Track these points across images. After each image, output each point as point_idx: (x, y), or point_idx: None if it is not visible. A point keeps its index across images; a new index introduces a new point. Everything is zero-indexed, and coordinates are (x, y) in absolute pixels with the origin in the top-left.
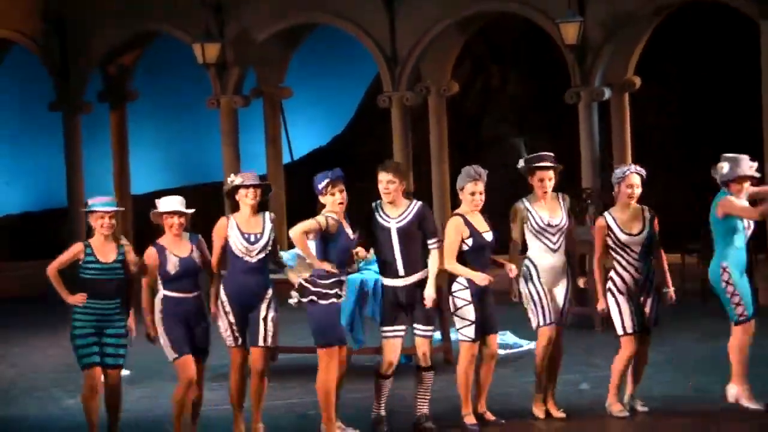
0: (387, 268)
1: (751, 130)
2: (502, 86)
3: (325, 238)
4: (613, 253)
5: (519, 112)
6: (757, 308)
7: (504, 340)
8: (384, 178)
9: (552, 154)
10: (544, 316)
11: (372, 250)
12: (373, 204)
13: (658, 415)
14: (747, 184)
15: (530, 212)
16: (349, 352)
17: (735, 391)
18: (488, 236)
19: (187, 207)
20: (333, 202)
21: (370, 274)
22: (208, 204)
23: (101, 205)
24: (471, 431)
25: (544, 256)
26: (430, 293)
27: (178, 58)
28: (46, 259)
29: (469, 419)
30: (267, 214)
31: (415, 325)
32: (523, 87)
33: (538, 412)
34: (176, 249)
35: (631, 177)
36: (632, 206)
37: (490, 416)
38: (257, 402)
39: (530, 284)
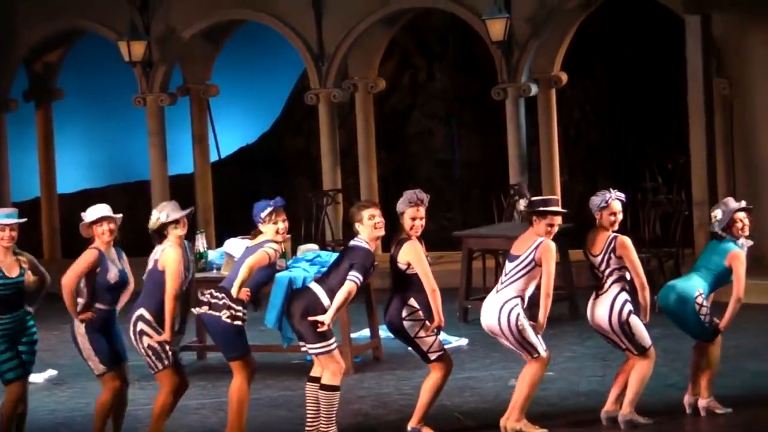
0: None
1: (677, 123)
2: (429, 82)
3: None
4: (623, 273)
5: (446, 108)
6: None
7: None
8: (375, 212)
9: (557, 197)
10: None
11: None
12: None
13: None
14: (742, 215)
15: None
16: (278, 350)
17: (705, 403)
18: None
19: (114, 208)
20: (275, 231)
21: (299, 271)
22: (136, 203)
23: (2, 217)
24: None
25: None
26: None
27: (104, 55)
28: None
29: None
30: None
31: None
32: (450, 82)
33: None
34: (111, 258)
35: (614, 204)
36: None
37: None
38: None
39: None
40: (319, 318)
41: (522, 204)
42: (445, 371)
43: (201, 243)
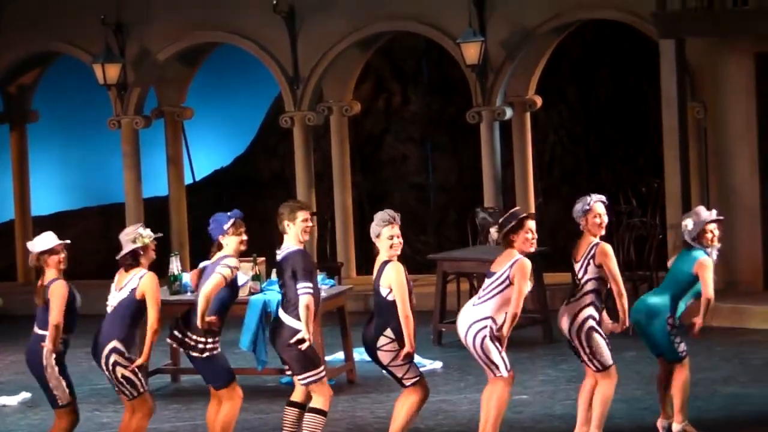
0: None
1: (652, 146)
2: (404, 105)
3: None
4: (598, 286)
5: (421, 131)
6: None
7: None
8: (308, 217)
9: (518, 207)
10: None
11: None
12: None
13: None
14: (713, 226)
15: None
16: (253, 372)
17: (680, 427)
18: None
19: (90, 230)
20: (239, 242)
21: (273, 294)
22: (112, 224)
23: None
24: None
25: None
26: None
27: (78, 78)
28: None
29: None
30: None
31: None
32: (425, 106)
33: None
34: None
35: (596, 206)
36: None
37: None
38: None
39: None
40: (298, 337)
41: (494, 232)
42: (421, 395)
43: (176, 265)
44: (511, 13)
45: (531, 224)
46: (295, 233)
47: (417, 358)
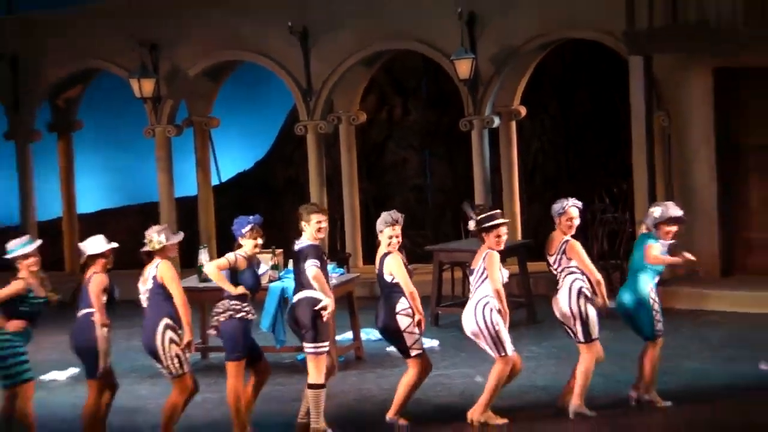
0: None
1: (622, 151)
2: (404, 115)
3: (234, 271)
4: (573, 269)
5: (420, 139)
6: None
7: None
8: (322, 219)
9: (499, 210)
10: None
11: None
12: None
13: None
14: (675, 229)
15: None
16: (272, 350)
17: (649, 397)
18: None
19: (127, 226)
20: (253, 245)
21: (290, 282)
22: (148, 221)
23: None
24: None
25: None
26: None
27: (118, 91)
28: (4, 272)
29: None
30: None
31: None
32: (423, 116)
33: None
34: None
35: (570, 210)
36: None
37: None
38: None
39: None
40: (321, 305)
41: (471, 224)
42: (422, 369)
43: (204, 257)
44: (498, 33)
45: (503, 230)
46: (310, 232)
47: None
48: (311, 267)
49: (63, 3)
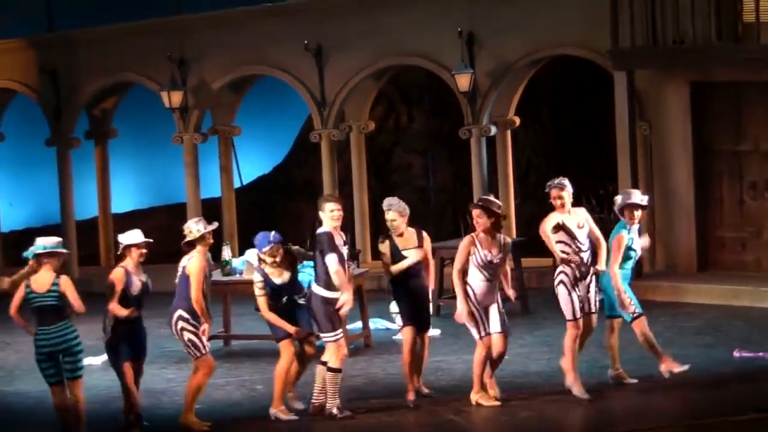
0: (330, 283)
1: (607, 157)
2: (409, 123)
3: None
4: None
5: (423, 144)
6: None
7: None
8: (335, 207)
9: (484, 198)
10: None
11: None
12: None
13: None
14: (638, 213)
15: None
16: (269, 338)
17: (615, 373)
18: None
19: (155, 223)
20: (271, 261)
21: (305, 276)
22: (173, 220)
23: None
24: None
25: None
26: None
27: (149, 102)
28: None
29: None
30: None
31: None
32: (426, 124)
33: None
34: (137, 274)
35: (551, 191)
36: (572, 211)
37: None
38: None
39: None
40: (339, 303)
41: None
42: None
43: (227, 253)
44: (495, 50)
45: (474, 212)
46: (326, 220)
47: (384, 323)
48: (331, 262)
49: (99, 21)
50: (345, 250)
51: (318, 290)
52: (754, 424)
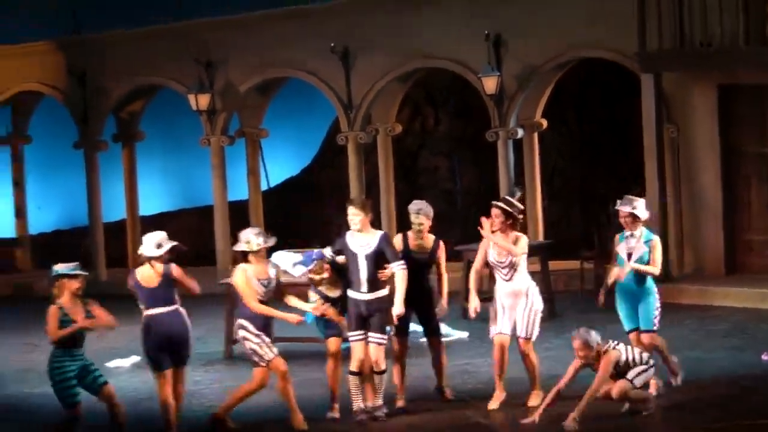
0: (354, 284)
1: (635, 159)
2: (435, 126)
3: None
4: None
5: (449, 148)
6: None
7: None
8: (350, 212)
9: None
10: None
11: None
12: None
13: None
14: (626, 219)
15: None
16: (317, 341)
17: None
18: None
19: (183, 225)
20: (318, 279)
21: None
22: (201, 222)
23: (75, 269)
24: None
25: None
26: (399, 310)
27: (176, 105)
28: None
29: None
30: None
31: (370, 334)
32: (452, 127)
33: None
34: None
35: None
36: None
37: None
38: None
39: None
40: (393, 312)
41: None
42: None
43: None
44: (521, 53)
45: (494, 211)
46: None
47: (448, 329)
48: (399, 269)
49: (127, 25)
50: (362, 251)
51: (351, 293)
52: None
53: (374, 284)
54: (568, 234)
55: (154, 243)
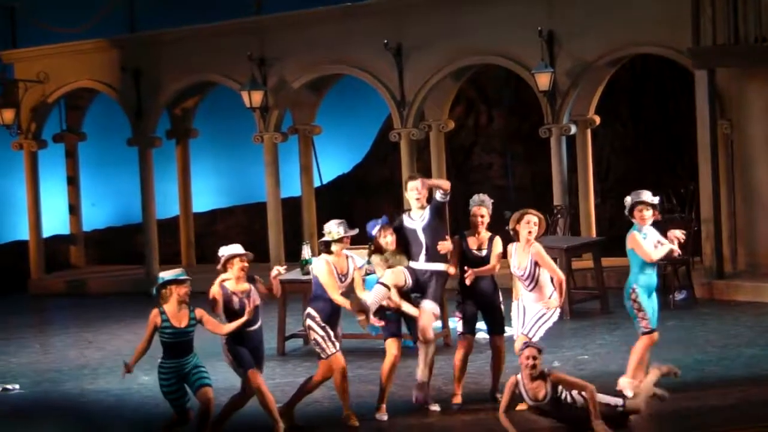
0: (414, 256)
1: (688, 156)
2: (488, 123)
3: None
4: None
5: (502, 144)
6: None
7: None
8: (410, 187)
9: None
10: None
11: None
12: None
13: None
14: (649, 212)
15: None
16: (368, 337)
17: (624, 383)
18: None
19: (235, 222)
20: (384, 243)
21: (372, 277)
22: (253, 219)
23: (180, 275)
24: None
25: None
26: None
27: (229, 102)
28: (130, 264)
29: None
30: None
31: (424, 301)
32: (505, 123)
33: None
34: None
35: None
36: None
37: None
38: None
39: None
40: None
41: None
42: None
43: (306, 252)
44: (575, 49)
45: (529, 218)
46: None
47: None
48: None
49: (181, 22)
50: (420, 224)
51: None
52: None
53: (433, 256)
54: (620, 230)
55: None
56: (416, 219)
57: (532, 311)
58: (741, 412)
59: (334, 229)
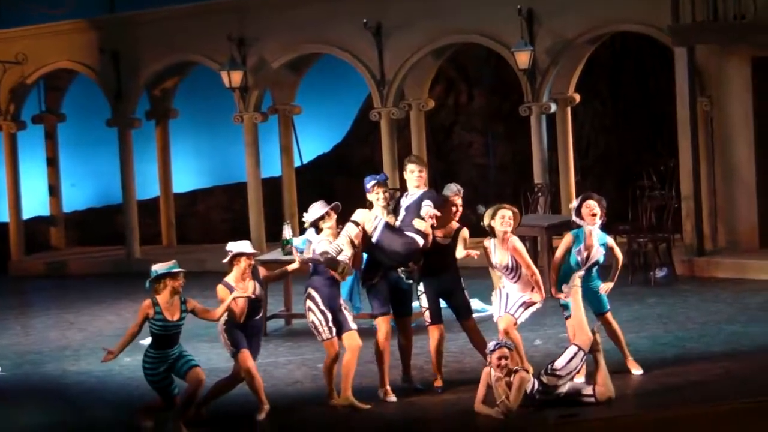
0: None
1: (668, 133)
2: (469, 102)
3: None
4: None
5: (483, 123)
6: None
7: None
8: (409, 168)
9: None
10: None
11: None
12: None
13: None
14: (593, 203)
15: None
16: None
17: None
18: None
19: (215, 202)
20: (376, 199)
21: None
22: (235, 199)
23: (173, 267)
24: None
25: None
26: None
27: (209, 82)
28: (110, 246)
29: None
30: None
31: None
32: (486, 102)
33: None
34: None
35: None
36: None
37: None
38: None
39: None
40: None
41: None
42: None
43: (287, 231)
44: (554, 27)
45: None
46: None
47: (480, 304)
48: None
49: (160, 2)
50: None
51: None
52: None
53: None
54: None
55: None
56: (411, 199)
57: (516, 296)
58: (721, 388)
59: (307, 214)
